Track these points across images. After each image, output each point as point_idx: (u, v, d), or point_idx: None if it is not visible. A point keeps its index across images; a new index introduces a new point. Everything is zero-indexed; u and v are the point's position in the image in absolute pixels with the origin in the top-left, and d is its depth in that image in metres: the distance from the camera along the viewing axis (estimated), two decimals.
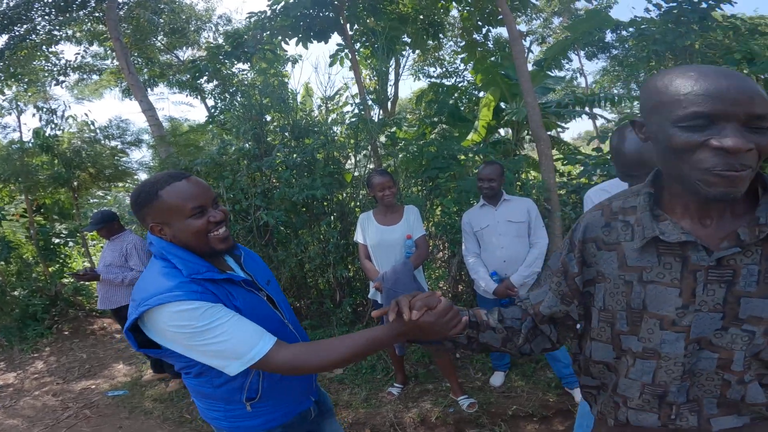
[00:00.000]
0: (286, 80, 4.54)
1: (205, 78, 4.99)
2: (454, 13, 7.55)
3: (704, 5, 4.61)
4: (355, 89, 4.91)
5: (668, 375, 0.95)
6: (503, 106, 6.33)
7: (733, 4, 4.72)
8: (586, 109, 6.09)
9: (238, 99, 4.09)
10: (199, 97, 6.07)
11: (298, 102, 4.42)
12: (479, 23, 6.50)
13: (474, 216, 2.75)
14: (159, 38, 9.38)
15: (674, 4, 4.73)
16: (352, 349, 1.08)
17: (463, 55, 6.90)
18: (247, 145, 3.64)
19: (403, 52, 7.99)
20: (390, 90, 8.21)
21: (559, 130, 7.60)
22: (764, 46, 4.42)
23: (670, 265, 0.89)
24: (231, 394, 1.20)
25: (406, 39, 6.41)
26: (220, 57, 4.81)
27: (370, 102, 4.28)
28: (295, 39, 4.99)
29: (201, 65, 4.72)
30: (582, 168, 4.02)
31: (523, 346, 1.13)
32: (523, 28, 17.81)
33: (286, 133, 3.89)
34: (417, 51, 8.29)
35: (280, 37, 5.06)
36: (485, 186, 2.64)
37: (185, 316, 1.03)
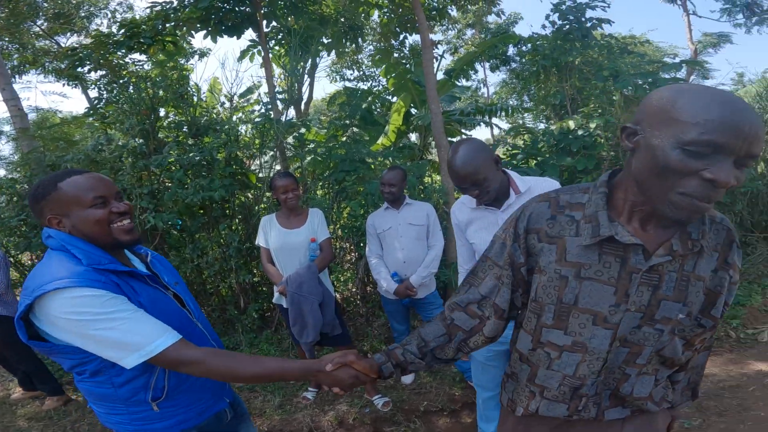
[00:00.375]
0: (187, 74, 4.25)
1: (89, 67, 4.47)
2: (375, 17, 7.70)
3: (588, 24, 5.19)
4: (266, 88, 4.76)
5: (589, 369, 0.99)
6: (414, 112, 6.60)
7: (611, 24, 5.38)
8: (486, 118, 6.56)
9: (130, 91, 3.72)
10: (79, 87, 5.42)
11: (201, 98, 4.15)
12: (397, 29, 6.70)
13: (378, 218, 2.82)
14: (39, 23, 8.23)
15: (566, 22, 5.28)
16: (263, 371, 1.11)
17: (377, 57, 7.04)
18: (132, 141, 3.32)
19: (322, 54, 7.94)
20: (305, 91, 8.12)
21: (463, 136, 8.10)
22: (630, 64, 5.09)
23: (610, 264, 0.92)
24: (134, 393, 1.12)
25: (325, 41, 6.38)
26: (110, 46, 4.34)
27: (279, 102, 4.16)
28: (204, 32, 4.70)
29: (83, 53, 4.21)
30: None
31: (456, 354, 1.11)
32: (439, 37, 18.74)
33: (184, 129, 3.63)
34: (334, 53, 8.30)
35: (185, 29, 4.72)
36: (386, 191, 2.72)
37: (85, 303, 0.99)
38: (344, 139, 4.38)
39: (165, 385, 1.15)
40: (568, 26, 5.19)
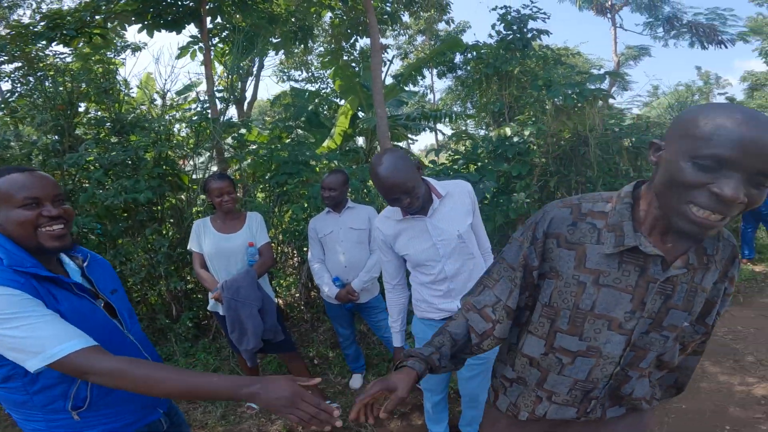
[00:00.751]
0: (115, 68, 3.96)
1: (3, 59, 4.05)
2: (327, 18, 7.61)
3: (529, 35, 5.44)
4: (207, 86, 4.55)
5: (602, 372, 1.02)
6: (361, 115, 6.62)
7: (548, 35, 5.68)
8: (430, 123, 6.72)
9: (46, 84, 3.40)
10: None
11: (129, 93, 3.88)
12: (348, 31, 6.67)
13: (319, 222, 2.78)
14: None
15: (509, 32, 5.51)
16: (185, 387, 1.00)
17: (327, 59, 6.99)
18: (45, 137, 3.02)
19: (270, 53, 7.75)
20: (248, 90, 7.88)
21: (409, 141, 8.23)
22: (561, 74, 5.37)
23: (629, 273, 0.94)
24: (51, 401, 1.07)
25: (274, 40, 6.22)
26: (29, 37, 3.96)
27: (218, 101, 3.98)
28: (140, 26, 4.40)
29: None
30: None
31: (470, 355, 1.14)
32: (390, 42, 18.99)
33: (107, 126, 3.37)
34: (282, 53, 8.14)
35: (117, 21, 4.40)
36: (326, 195, 2.69)
37: None
38: (288, 141, 4.28)
39: (88, 395, 1.09)
40: (510, 36, 5.43)
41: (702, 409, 2.60)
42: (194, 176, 3.66)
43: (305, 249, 3.53)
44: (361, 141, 6.86)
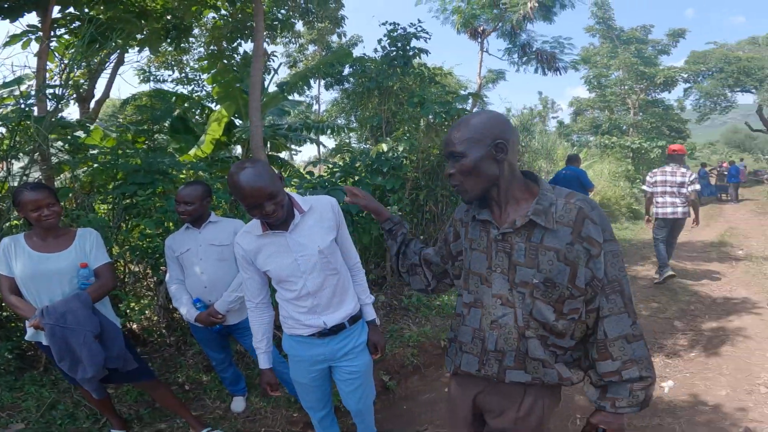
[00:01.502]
0: None
1: None
2: (209, 18, 7.05)
3: (410, 53, 5.71)
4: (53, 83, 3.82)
5: (485, 322, 1.25)
6: (238, 123, 6.27)
7: (428, 54, 6.02)
8: (313, 135, 6.67)
9: None
10: None
11: None
12: (230, 34, 6.25)
13: (176, 240, 2.51)
14: None
15: (393, 48, 5.71)
16: None
17: (206, 63, 6.48)
18: None
19: (133, 50, 6.90)
20: (101, 88, 6.92)
21: (292, 152, 8.07)
22: (435, 93, 5.72)
23: (484, 238, 1.26)
24: None
25: (139, 36, 5.54)
26: None
27: (49, 97, 3.37)
28: None
29: None
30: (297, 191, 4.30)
31: (409, 271, 1.56)
32: (280, 49, 18.52)
33: None
34: (148, 51, 7.33)
35: None
36: (180, 209, 2.42)
37: None
38: (144, 147, 3.81)
39: None
40: (394, 52, 5.66)
41: None
42: (13, 184, 3.01)
43: (162, 268, 3.17)
44: (239, 150, 6.49)
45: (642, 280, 5.89)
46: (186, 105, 5.98)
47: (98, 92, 6.90)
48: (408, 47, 5.64)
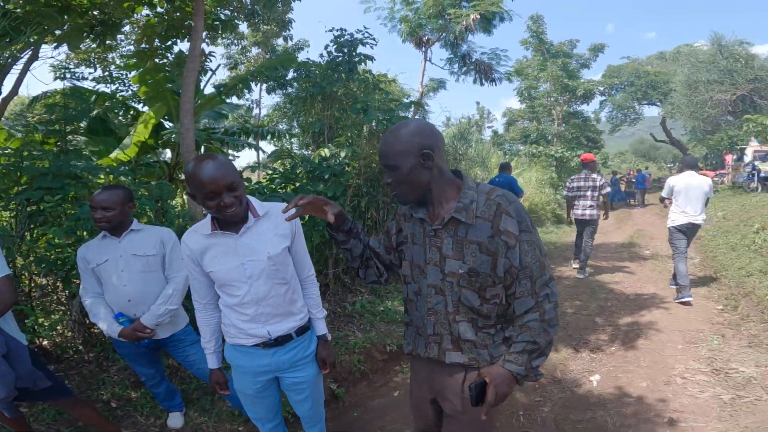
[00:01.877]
0: None
1: None
2: (142, 15, 6.48)
3: (356, 59, 5.67)
4: None
5: (425, 307, 1.38)
6: (168, 126, 5.88)
7: (373, 61, 6.02)
8: (252, 139, 6.43)
9: None
10: None
11: None
12: (165, 33, 5.79)
13: (91, 250, 2.26)
14: None
15: (339, 54, 5.64)
16: None
17: (133, 61, 5.97)
18: None
19: (50, 45, 6.18)
20: (7, 85, 6.14)
21: (231, 158, 7.72)
22: (378, 100, 5.75)
23: (421, 233, 1.37)
24: None
25: (58, 31, 4.97)
26: None
27: None
28: None
29: None
30: None
31: (361, 265, 1.56)
32: (221, 50, 17.63)
33: None
34: (66, 47, 6.62)
35: None
36: (97, 215, 2.19)
37: None
38: (54, 149, 3.42)
39: None
40: (340, 58, 5.61)
41: None
42: None
43: (75, 280, 2.86)
44: (169, 154, 6.08)
45: (566, 279, 6.34)
46: (107, 105, 5.47)
47: (6, 89, 6.10)
48: (354, 53, 5.63)
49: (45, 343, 3.18)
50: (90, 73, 8.87)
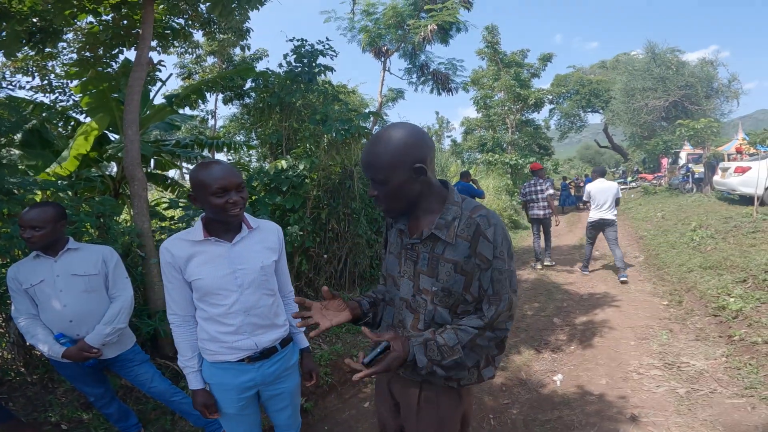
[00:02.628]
0: None
1: None
2: (84, 23, 6.07)
3: (316, 69, 5.58)
4: None
5: (394, 320, 1.35)
6: (114, 138, 5.55)
7: (333, 71, 5.93)
8: (207, 152, 6.19)
9: None
10: None
11: None
12: (110, 40, 5.45)
13: (23, 270, 2.15)
14: None
15: (299, 64, 5.52)
16: None
17: (74, 69, 5.58)
18: None
19: None
20: None
21: (183, 170, 7.40)
22: (337, 111, 5.67)
23: (399, 243, 1.34)
24: None
25: None
26: None
27: None
28: None
29: None
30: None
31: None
32: (173, 59, 16.91)
33: None
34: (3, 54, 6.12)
35: None
36: (26, 235, 2.07)
37: None
38: None
39: None
40: (299, 68, 5.51)
41: None
42: None
43: (9, 302, 2.64)
44: (115, 168, 5.72)
45: (525, 283, 6.54)
46: (44, 115, 5.09)
47: None
48: (314, 64, 5.57)
49: None
50: (27, 82, 8.29)
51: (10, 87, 7.78)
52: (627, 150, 29.82)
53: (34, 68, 8.64)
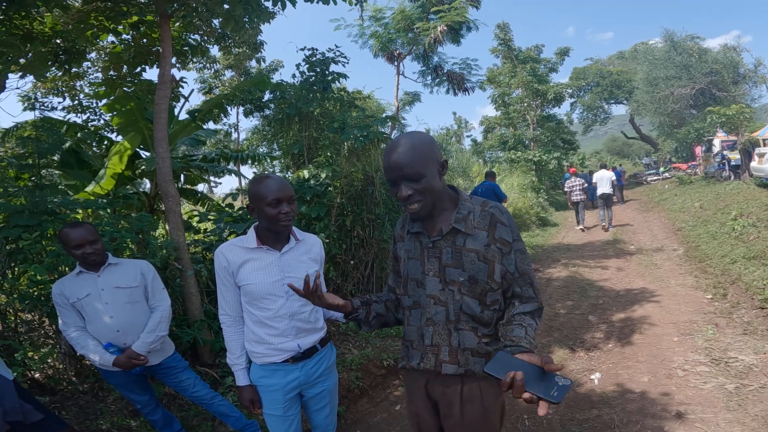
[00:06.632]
0: None
1: None
2: (107, 42, 6.37)
3: (329, 77, 5.64)
4: None
5: (423, 320, 1.40)
6: (145, 156, 5.75)
7: (346, 78, 5.96)
8: (231, 165, 6.33)
9: None
10: None
11: None
12: (132, 59, 5.70)
13: (68, 285, 2.28)
14: None
15: (312, 73, 5.61)
16: None
17: (102, 90, 5.84)
18: None
19: (15, 75, 6.01)
20: None
21: (211, 184, 7.58)
22: (355, 117, 5.70)
23: (417, 247, 1.41)
24: None
25: (22, 60, 4.85)
26: None
27: None
28: None
29: None
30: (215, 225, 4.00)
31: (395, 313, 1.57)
32: (194, 75, 17.48)
33: None
34: (30, 76, 6.46)
35: None
36: (88, 250, 2.22)
37: None
38: (29, 184, 3.31)
39: None
40: (313, 77, 5.59)
41: None
42: None
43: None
44: (148, 185, 5.93)
45: (555, 281, 6.38)
46: (79, 136, 5.33)
47: None
48: (327, 72, 5.62)
49: (37, 375, 3.17)
50: (59, 103, 8.69)
51: (43, 107, 8.15)
52: (656, 140, 28.81)
53: (64, 88, 9.07)
